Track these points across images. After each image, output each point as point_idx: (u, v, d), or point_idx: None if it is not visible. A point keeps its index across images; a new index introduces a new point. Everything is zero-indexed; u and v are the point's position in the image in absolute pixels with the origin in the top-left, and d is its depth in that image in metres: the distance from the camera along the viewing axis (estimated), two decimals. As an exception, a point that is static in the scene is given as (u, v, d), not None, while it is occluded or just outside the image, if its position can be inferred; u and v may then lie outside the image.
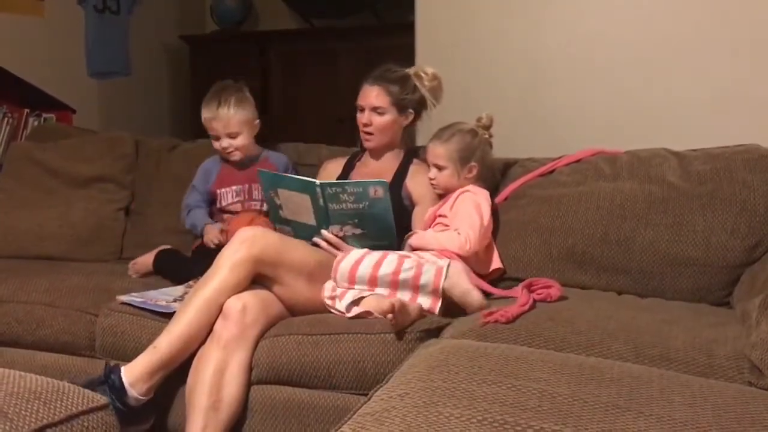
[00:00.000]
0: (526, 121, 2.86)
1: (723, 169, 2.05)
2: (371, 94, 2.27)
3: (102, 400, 1.27)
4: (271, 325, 1.92)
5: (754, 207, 1.98)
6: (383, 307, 1.78)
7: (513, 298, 1.84)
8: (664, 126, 2.67)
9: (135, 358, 1.82)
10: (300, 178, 2.13)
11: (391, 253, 1.97)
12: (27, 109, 3.31)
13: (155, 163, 2.81)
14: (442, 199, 2.23)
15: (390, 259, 1.92)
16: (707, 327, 1.66)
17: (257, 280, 1.94)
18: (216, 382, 1.79)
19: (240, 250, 1.90)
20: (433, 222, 2.19)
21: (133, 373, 1.78)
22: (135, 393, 1.77)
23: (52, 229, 2.66)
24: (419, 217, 2.24)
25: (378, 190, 2.04)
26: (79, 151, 2.81)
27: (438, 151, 2.18)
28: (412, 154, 2.38)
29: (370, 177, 2.25)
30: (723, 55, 2.60)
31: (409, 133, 2.41)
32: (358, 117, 2.32)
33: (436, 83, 2.31)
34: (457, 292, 1.88)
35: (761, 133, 2.19)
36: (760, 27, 2.55)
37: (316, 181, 2.08)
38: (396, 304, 1.74)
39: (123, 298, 2.08)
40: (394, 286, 1.89)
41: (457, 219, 2.10)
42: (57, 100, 3.45)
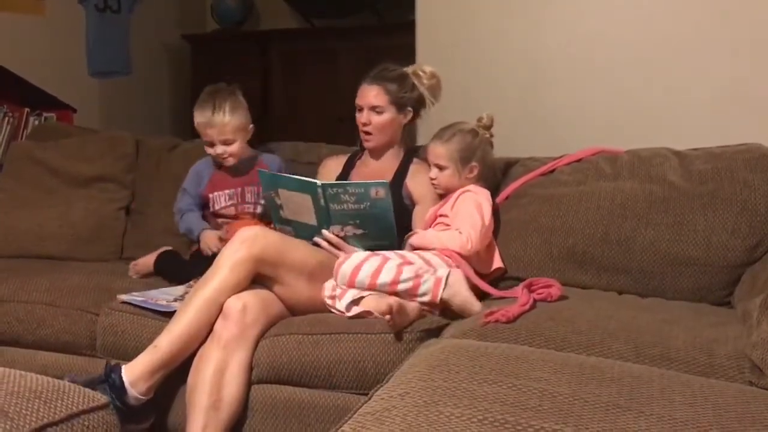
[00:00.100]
0: (527, 121, 2.86)
1: (724, 168, 2.05)
2: (370, 93, 2.27)
3: (102, 399, 1.27)
4: (272, 325, 1.92)
5: (755, 206, 1.98)
6: (382, 308, 1.79)
7: (513, 297, 1.84)
8: (664, 126, 2.67)
9: (135, 358, 1.82)
10: (300, 178, 2.13)
11: (392, 257, 1.96)
12: (27, 108, 3.31)
13: (156, 163, 2.81)
14: (442, 198, 2.23)
15: (389, 267, 1.90)
16: (708, 327, 1.66)
17: (257, 279, 1.94)
18: (216, 381, 1.79)
19: (240, 250, 1.90)
20: (434, 222, 2.19)
21: (134, 372, 1.79)
22: (135, 392, 1.77)
23: (52, 229, 2.66)
24: (420, 216, 2.24)
25: (379, 191, 2.04)
26: (80, 151, 2.81)
27: (439, 151, 2.18)
28: (412, 153, 2.37)
29: (371, 176, 2.25)
30: (723, 55, 2.60)
31: (409, 132, 2.40)
32: (357, 117, 2.31)
33: (434, 81, 2.31)
34: (456, 301, 1.88)
35: (762, 133, 2.19)
36: (760, 27, 2.54)
37: (318, 182, 2.07)
38: (394, 305, 1.74)
39: (123, 297, 2.08)
40: (393, 294, 1.89)
41: (459, 219, 2.10)
42: (58, 100, 3.45)
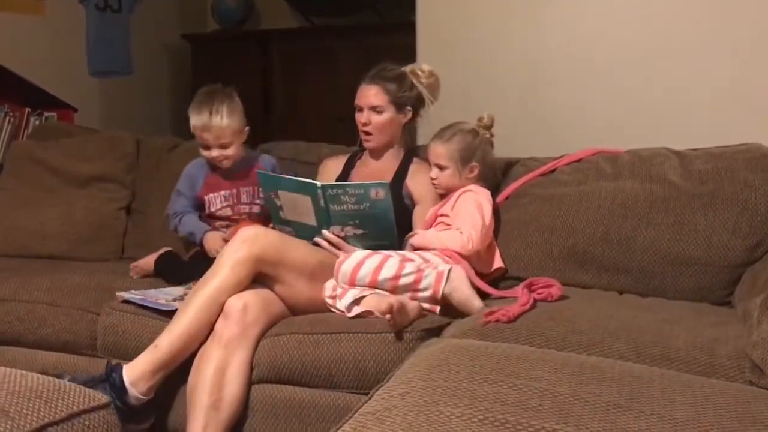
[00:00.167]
0: (527, 121, 2.85)
1: (724, 168, 2.05)
2: (369, 93, 2.27)
3: (103, 398, 1.28)
4: (272, 324, 1.92)
5: (755, 206, 1.98)
6: (382, 308, 1.79)
7: (514, 297, 1.84)
8: (664, 125, 2.67)
9: (136, 357, 1.82)
10: (300, 179, 2.13)
11: (392, 255, 1.96)
12: (28, 108, 3.31)
13: (156, 163, 2.81)
14: (443, 198, 2.23)
15: (390, 264, 1.91)
16: (708, 326, 1.66)
17: (258, 279, 1.94)
18: (217, 381, 1.79)
19: (241, 249, 1.90)
20: (434, 222, 2.19)
21: (134, 372, 1.79)
22: (136, 392, 1.77)
23: (53, 228, 2.66)
24: (420, 216, 2.24)
25: (379, 192, 2.04)
26: (81, 150, 2.81)
27: (439, 151, 2.18)
28: (412, 153, 2.37)
29: (371, 176, 2.25)
30: (723, 55, 2.60)
31: (409, 132, 2.40)
32: (357, 117, 2.31)
33: (433, 80, 2.31)
34: (457, 297, 1.88)
35: (762, 133, 2.19)
36: (760, 27, 2.54)
37: (318, 183, 2.08)
38: (395, 305, 1.74)
39: (123, 294, 2.08)
40: (394, 290, 1.89)
41: (459, 218, 2.10)
42: (58, 99, 3.45)
